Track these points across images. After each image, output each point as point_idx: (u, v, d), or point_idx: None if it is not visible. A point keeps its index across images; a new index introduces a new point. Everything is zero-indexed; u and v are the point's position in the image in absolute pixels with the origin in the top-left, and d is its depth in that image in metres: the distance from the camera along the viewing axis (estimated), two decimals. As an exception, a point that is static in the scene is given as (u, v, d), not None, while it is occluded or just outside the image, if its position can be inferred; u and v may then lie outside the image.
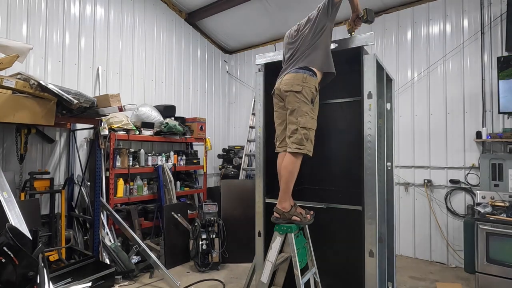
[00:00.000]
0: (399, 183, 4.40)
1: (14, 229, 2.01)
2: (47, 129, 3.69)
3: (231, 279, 3.62)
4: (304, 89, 2.09)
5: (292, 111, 2.11)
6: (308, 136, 2.09)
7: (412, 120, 4.40)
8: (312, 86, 2.13)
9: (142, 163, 4.29)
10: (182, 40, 5.59)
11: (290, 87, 2.11)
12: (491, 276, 2.95)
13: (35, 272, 1.91)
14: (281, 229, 2.16)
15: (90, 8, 4.21)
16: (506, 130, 3.60)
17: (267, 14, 5.07)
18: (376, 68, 2.19)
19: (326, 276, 2.47)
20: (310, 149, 2.11)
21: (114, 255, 3.50)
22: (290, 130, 2.12)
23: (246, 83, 6.33)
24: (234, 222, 4.12)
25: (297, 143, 2.08)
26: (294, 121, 2.10)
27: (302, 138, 2.07)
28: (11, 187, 2.82)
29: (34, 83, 2.77)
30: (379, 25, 4.69)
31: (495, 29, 3.87)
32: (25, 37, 3.58)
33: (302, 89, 2.09)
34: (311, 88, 2.12)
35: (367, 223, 2.16)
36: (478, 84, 3.94)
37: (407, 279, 3.63)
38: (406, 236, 4.37)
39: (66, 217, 3.72)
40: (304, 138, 2.07)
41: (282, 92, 2.17)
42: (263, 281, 2.13)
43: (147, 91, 4.96)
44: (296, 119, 2.09)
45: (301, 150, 2.07)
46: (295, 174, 2.13)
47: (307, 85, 2.11)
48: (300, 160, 2.13)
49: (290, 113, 2.13)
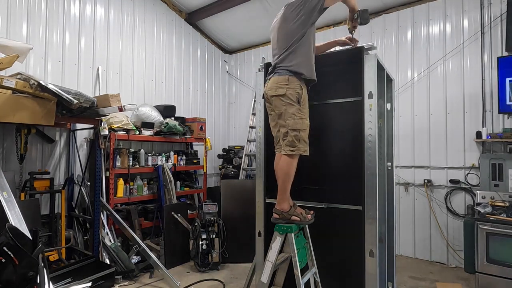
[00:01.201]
0: (399, 183, 4.40)
1: (14, 229, 2.01)
2: (47, 129, 3.69)
3: (231, 279, 3.62)
4: (288, 91, 2.10)
5: (280, 115, 2.13)
6: (299, 137, 2.09)
7: (412, 120, 4.40)
8: (296, 86, 2.13)
9: (142, 163, 4.29)
10: (182, 40, 5.58)
11: (275, 91, 2.13)
12: (491, 276, 2.95)
13: (35, 272, 1.91)
14: (281, 229, 2.16)
15: (90, 8, 4.21)
16: (506, 130, 3.60)
17: (267, 14, 5.07)
18: (376, 68, 2.19)
19: (326, 276, 2.47)
20: (304, 149, 2.12)
21: (114, 255, 3.50)
22: (282, 133, 2.14)
23: (246, 83, 6.32)
24: (234, 222, 4.12)
25: (290, 145, 2.09)
26: (283, 124, 2.12)
27: (293, 140, 2.08)
28: (11, 187, 2.82)
29: (34, 83, 2.77)
30: (379, 25, 4.69)
31: (495, 29, 3.87)
32: (25, 37, 3.58)
33: (286, 91, 2.10)
34: (295, 89, 2.12)
35: (367, 223, 2.16)
36: (478, 84, 3.94)
37: (407, 279, 3.63)
38: (406, 236, 4.37)
39: (66, 217, 3.73)
40: (295, 140, 2.08)
41: (269, 97, 2.19)
42: (263, 281, 2.13)
43: (147, 91, 4.96)
44: (285, 122, 2.10)
45: (294, 152, 2.09)
46: (291, 175, 2.13)
47: (291, 86, 2.12)
48: (296, 161, 2.13)
49: (278, 116, 2.15)
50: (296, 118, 2.09)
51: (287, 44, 2.16)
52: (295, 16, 2.17)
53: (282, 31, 2.21)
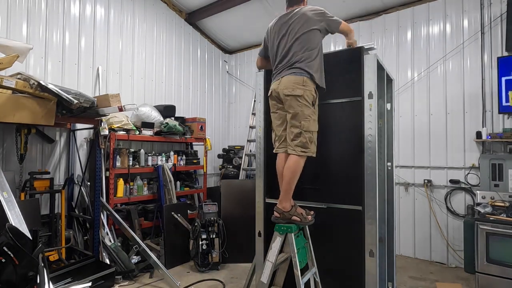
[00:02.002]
0: (399, 183, 4.40)
1: (14, 229, 2.01)
2: (47, 129, 3.68)
3: (231, 279, 3.62)
4: (305, 93, 2.11)
5: (295, 115, 2.13)
6: (312, 139, 2.14)
7: (412, 120, 4.40)
8: (312, 89, 2.15)
9: (142, 163, 4.29)
10: (182, 40, 5.58)
11: (292, 91, 2.12)
12: (491, 276, 2.95)
13: (35, 272, 1.91)
14: (281, 229, 2.16)
15: (90, 8, 4.21)
16: (506, 130, 3.60)
17: (267, 14, 5.07)
18: (376, 68, 2.19)
19: (326, 276, 2.47)
20: (314, 151, 2.17)
21: (114, 255, 3.50)
22: (293, 133, 2.14)
23: (246, 83, 6.33)
24: (234, 222, 4.11)
25: (302, 146, 2.11)
26: (297, 124, 2.12)
27: (306, 142, 2.11)
28: (11, 187, 2.82)
29: (34, 83, 2.76)
30: (379, 25, 4.69)
31: (495, 29, 3.87)
32: (25, 37, 3.58)
33: (303, 92, 2.11)
34: (311, 91, 2.14)
35: (367, 223, 2.16)
36: (478, 84, 3.94)
37: (407, 279, 3.63)
38: (406, 236, 4.37)
39: (66, 217, 3.72)
40: (309, 141, 2.12)
41: (282, 96, 2.17)
42: (263, 281, 2.13)
43: (147, 91, 4.96)
44: (300, 123, 2.11)
45: (306, 153, 2.12)
46: (298, 175, 2.16)
47: (308, 88, 2.13)
48: (304, 161, 2.16)
49: (292, 117, 2.14)
50: (311, 120, 2.13)
51: (310, 46, 2.18)
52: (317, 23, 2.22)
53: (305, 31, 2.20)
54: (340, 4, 4.61)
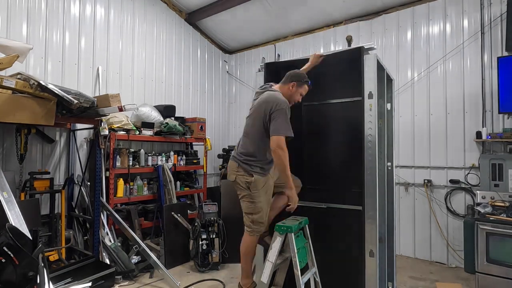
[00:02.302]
0: (399, 183, 4.40)
1: (14, 229, 2.00)
2: (47, 129, 3.68)
3: (231, 279, 3.62)
4: (238, 178, 2.31)
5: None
6: (252, 219, 2.32)
7: (412, 120, 4.40)
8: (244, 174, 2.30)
9: (142, 163, 4.29)
10: (182, 40, 5.58)
11: (229, 176, 2.40)
12: (491, 276, 2.95)
13: (35, 272, 1.91)
14: (281, 229, 2.16)
15: (90, 8, 4.21)
16: (506, 130, 3.60)
17: (267, 14, 5.07)
18: (376, 68, 2.19)
19: (326, 276, 2.47)
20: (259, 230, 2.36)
21: (114, 255, 3.50)
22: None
23: (246, 83, 6.32)
24: (234, 222, 4.11)
25: (247, 226, 2.39)
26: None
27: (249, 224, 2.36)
28: (11, 187, 2.82)
29: (34, 83, 2.76)
30: (379, 25, 4.69)
31: (495, 29, 3.87)
32: (25, 37, 3.58)
33: (235, 178, 2.32)
34: (244, 176, 2.30)
35: (367, 223, 2.17)
36: (478, 84, 3.94)
37: (407, 279, 3.63)
38: (406, 236, 4.37)
39: (66, 217, 3.72)
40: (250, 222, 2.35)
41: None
42: (263, 281, 2.13)
43: (147, 91, 4.96)
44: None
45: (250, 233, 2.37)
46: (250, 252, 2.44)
47: (240, 173, 2.31)
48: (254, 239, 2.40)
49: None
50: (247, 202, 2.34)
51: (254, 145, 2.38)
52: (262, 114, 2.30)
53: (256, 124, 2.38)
54: (340, 4, 4.60)
